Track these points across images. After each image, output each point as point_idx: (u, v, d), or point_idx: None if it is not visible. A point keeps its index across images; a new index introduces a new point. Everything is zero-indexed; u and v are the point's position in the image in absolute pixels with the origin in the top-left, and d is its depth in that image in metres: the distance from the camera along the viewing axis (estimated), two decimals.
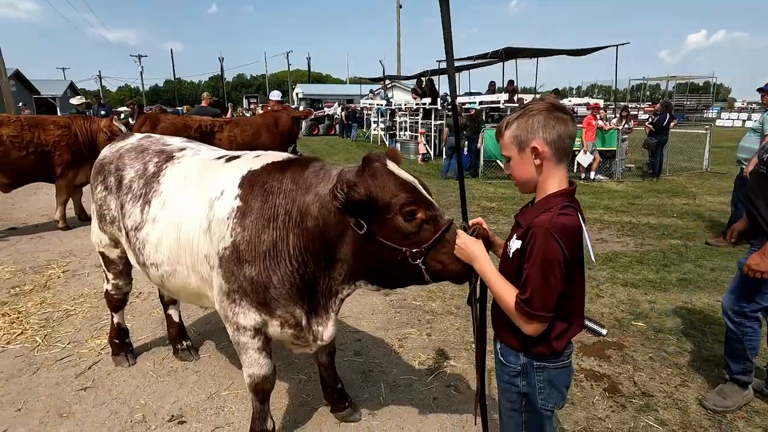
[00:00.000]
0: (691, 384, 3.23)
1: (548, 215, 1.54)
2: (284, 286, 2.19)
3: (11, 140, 6.66)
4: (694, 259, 5.79)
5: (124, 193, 2.81)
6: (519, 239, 1.61)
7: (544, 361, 1.66)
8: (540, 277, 1.50)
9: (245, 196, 2.26)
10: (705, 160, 13.54)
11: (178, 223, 2.48)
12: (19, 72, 37.11)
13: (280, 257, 2.17)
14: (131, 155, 2.93)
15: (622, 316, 4.25)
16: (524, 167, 1.64)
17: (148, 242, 2.62)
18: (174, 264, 2.55)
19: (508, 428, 1.81)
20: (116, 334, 3.53)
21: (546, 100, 1.64)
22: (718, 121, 34.71)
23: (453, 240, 1.85)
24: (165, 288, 2.82)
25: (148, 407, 3.01)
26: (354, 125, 25.92)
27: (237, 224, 2.22)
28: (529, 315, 1.53)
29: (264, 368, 2.46)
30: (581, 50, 16.62)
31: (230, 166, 2.50)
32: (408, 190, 1.92)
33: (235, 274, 2.24)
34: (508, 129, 1.64)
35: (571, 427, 2.79)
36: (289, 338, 2.39)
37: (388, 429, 2.82)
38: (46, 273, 5.38)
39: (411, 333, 3.99)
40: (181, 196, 2.53)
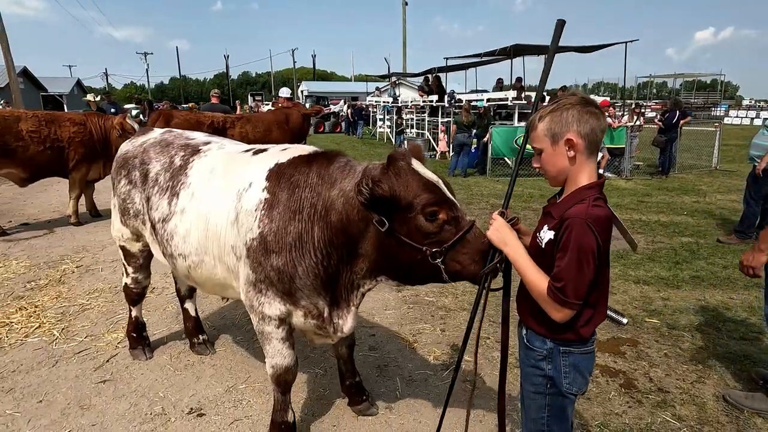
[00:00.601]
0: (708, 380, 3.23)
1: (583, 206, 1.57)
2: (309, 277, 2.24)
3: (30, 135, 6.76)
4: (706, 256, 5.77)
5: (150, 186, 2.84)
6: (552, 230, 1.63)
7: (570, 346, 1.70)
8: (575, 265, 1.52)
9: (273, 188, 2.30)
10: (714, 157, 13.46)
11: (206, 215, 2.52)
12: (26, 69, 37.33)
13: (305, 249, 2.21)
14: (156, 149, 2.96)
15: (635, 313, 4.24)
16: (557, 159, 1.66)
17: (177, 233, 2.66)
18: (201, 254, 2.59)
19: (531, 411, 1.83)
20: (134, 327, 3.58)
21: (578, 95, 1.67)
22: (726, 119, 34.51)
23: (474, 241, 1.90)
24: (191, 278, 2.85)
25: (167, 400, 3.04)
26: (360, 122, 25.94)
27: (265, 216, 2.26)
28: (561, 302, 1.55)
29: (287, 359, 2.48)
30: (590, 47, 16.56)
31: (258, 158, 2.54)
32: (431, 191, 1.93)
33: (262, 264, 2.28)
34: (542, 122, 1.66)
35: (588, 422, 2.80)
36: (312, 328, 2.43)
37: (406, 423, 2.83)
38: (60, 268, 5.43)
39: (425, 329, 4.00)
40: (209, 188, 2.58)
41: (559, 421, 1.79)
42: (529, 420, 1.85)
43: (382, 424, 2.82)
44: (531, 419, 1.84)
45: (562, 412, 1.79)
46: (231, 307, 4.45)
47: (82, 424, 2.80)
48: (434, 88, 17.69)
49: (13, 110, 7.23)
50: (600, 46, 16.30)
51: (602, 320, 1.73)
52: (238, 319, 4.20)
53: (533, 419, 1.83)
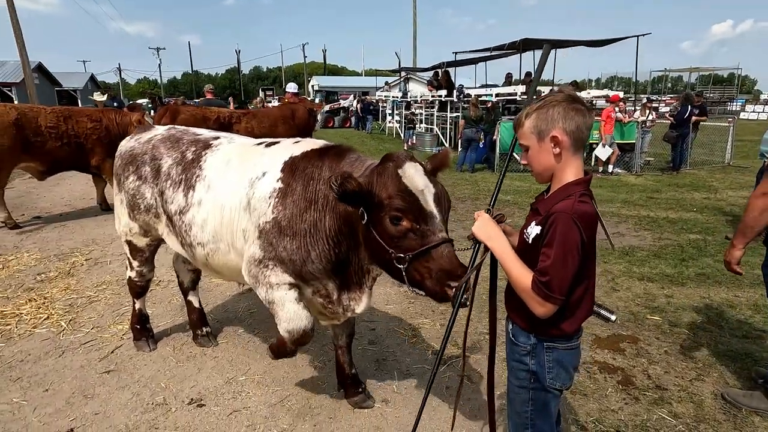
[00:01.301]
0: (707, 378, 3.21)
1: (569, 202, 1.59)
2: (321, 261, 2.39)
3: (48, 131, 6.91)
4: (713, 254, 5.70)
5: (163, 181, 2.96)
6: (538, 225, 1.65)
7: (554, 342, 1.72)
8: (559, 260, 1.54)
9: (287, 179, 2.46)
10: (727, 153, 13.24)
11: (221, 204, 2.67)
12: (41, 65, 37.81)
13: (318, 236, 2.36)
14: (167, 145, 3.06)
15: (637, 310, 4.22)
16: (543, 156, 1.68)
17: (195, 223, 2.80)
18: (217, 242, 2.74)
19: (515, 405, 1.86)
20: (138, 319, 3.65)
21: (564, 92, 1.70)
22: (742, 113, 33.86)
23: (438, 259, 1.94)
24: (209, 266, 2.97)
25: (169, 390, 3.11)
26: (369, 117, 25.92)
27: (279, 203, 2.43)
28: (545, 296, 1.56)
29: (303, 320, 2.51)
30: (601, 41, 16.34)
31: (271, 150, 2.71)
32: (402, 197, 1.97)
33: (273, 245, 2.43)
34: (528, 119, 1.68)
35: (583, 418, 2.81)
36: (319, 306, 2.58)
37: (401, 416, 2.86)
38: (69, 260, 5.54)
39: (424, 324, 4.03)
40: (224, 179, 2.72)
41: (543, 415, 1.81)
42: (514, 413, 1.88)
43: (378, 417, 2.86)
44: (515, 412, 1.87)
45: (545, 407, 1.81)
46: (233, 301, 4.51)
47: (86, 413, 2.87)
48: (443, 82, 17.62)
49: (33, 105, 7.38)
50: (612, 40, 16.07)
51: (588, 316, 1.74)
52: (240, 313, 4.26)
53: (517, 413, 1.85)
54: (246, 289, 4.70)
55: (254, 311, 4.26)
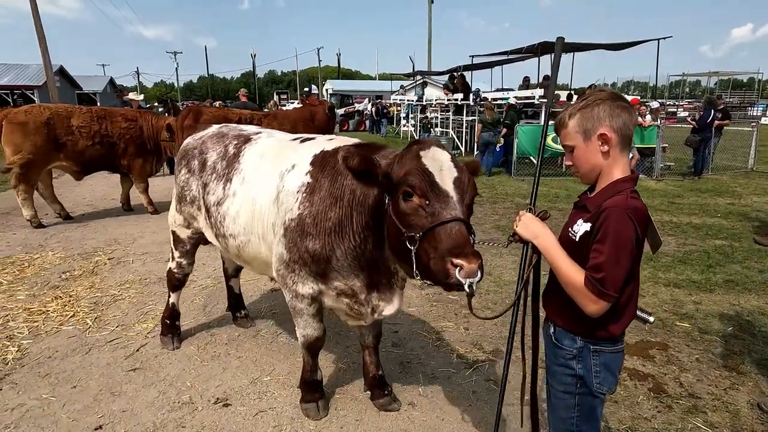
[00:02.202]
0: (741, 387, 3.12)
1: (621, 197, 1.56)
2: (347, 259, 2.37)
3: (80, 130, 7.06)
4: (741, 260, 5.57)
5: (208, 174, 3.07)
6: (587, 222, 1.60)
7: (600, 345, 1.67)
8: (614, 255, 1.50)
9: (316, 173, 2.44)
10: (750, 158, 12.98)
11: (253, 196, 2.73)
12: (62, 68, 38.57)
13: (344, 233, 2.33)
14: (213, 140, 3.22)
15: (665, 317, 4.13)
16: (590, 155, 1.65)
17: (228, 215, 2.88)
18: (248, 234, 2.79)
19: (559, 411, 1.80)
20: (169, 314, 3.72)
21: (607, 91, 1.67)
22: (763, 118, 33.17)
23: (445, 238, 1.80)
24: (241, 258, 3.05)
25: (195, 389, 3.11)
26: (384, 121, 25.94)
27: (306, 199, 2.41)
28: (599, 293, 1.51)
29: (317, 331, 2.70)
30: (621, 44, 16.16)
31: (305, 145, 2.74)
32: (417, 175, 1.91)
33: (297, 245, 2.42)
34: (572, 119, 1.65)
35: (616, 426, 2.74)
36: (344, 308, 2.56)
37: (429, 420, 2.83)
38: (93, 259, 5.60)
39: (448, 327, 3.98)
40: (257, 172, 2.78)
41: (589, 421, 1.76)
42: (558, 420, 1.81)
43: (405, 421, 2.82)
44: (560, 419, 1.80)
45: (592, 412, 1.75)
46: (257, 302, 4.52)
47: (113, 410, 2.89)
48: (459, 86, 17.56)
49: (67, 106, 7.56)
50: (631, 44, 15.89)
51: (632, 318, 1.70)
52: (263, 313, 4.26)
53: (562, 419, 1.79)
54: (269, 290, 4.71)
55: (276, 311, 4.25)
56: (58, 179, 10.46)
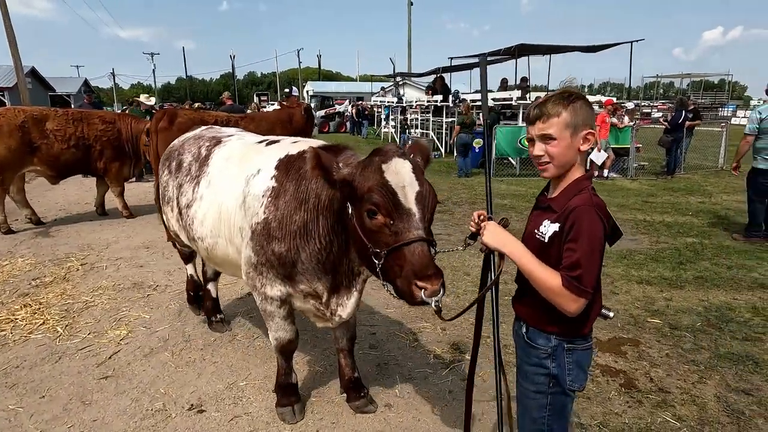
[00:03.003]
0: (709, 381, 3.21)
1: (586, 196, 1.60)
2: (311, 262, 2.39)
3: (55, 134, 6.92)
4: (711, 257, 5.73)
5: (183, 175, 3.14)
6: (556, 222, 1.63)
7: (574, 343, 1.71)
8: (588, 253, 1.53)
9: (281, 177, 2.47)
10: (721, 158, 13.36)
11: (220, 200, 2.76)
12: (34, 69, 37.59)
13: (309, 236, 2.35)
14: (190, 142, 3.29)
15: (637, 313, 4.22)
16: (571, 151, 1.66)
17: (196, 218, 2.93)
18: (215, 237, 2.82)
19: (531, 411, 1.81)
20: (192, 286, 4.07)
21: (575, 90, 1.71)
22: (733, 119, 34.18)
23: (410, 257, 1.83)
24: (211, 260, 3.11)
25: (168, 396, 3.06)
26: (365, 123, 25.95)
27: (271, 203, 2.43)
28: (579, 291, 1.53)
29: (288, 333, 2.73)
30: (595, 47, 16.48)
31: (270, 148, 2.76)
32: (382, 193, 1.90)
33: (264, 248, 2.44)
34: (566, 111, 1.61)
35: (587, 422, 2.79)
36: (312, 309, 2.60)
37: (405, 421, 2.84)
38: (65, 265, 5.47)
39: (425, 327, 4.00)
40: (223, 175, 2.82)
41: (559, 419, 1.78)
42: (529, 420, 1.82)
43: (381, 422, 2.83)
44: (531, 419, 1.81)
45: (563, 410, 1.78)
46: (233, 306, 4.48)
47: (84, 420, 2.82)
48: (438, 87, 17.67)
49: (42, 109, 7.39)
50: (605, 46, 16.22)
51: (598, 313, 1.73)
52: (240, 318, 4.22)
53: (533, 419, 1.80)
54: (246, 293, 4.67)
55: (254, 315, 4.22)
56: (30, 183, 10.20)
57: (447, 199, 9.49)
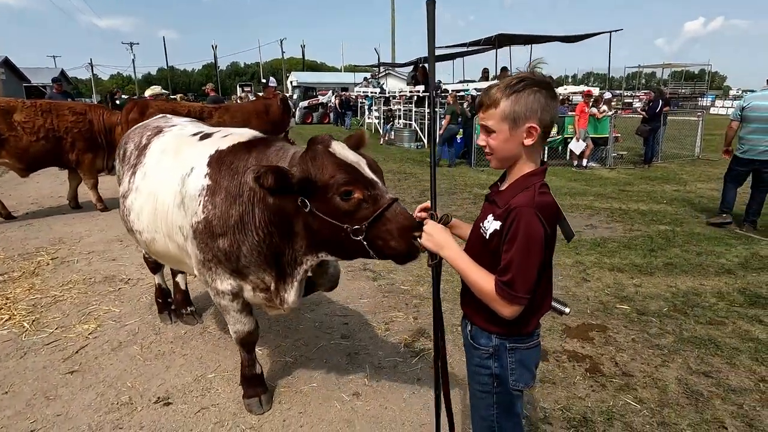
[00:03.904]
0: (671, 364, 3.28)
1: (529, 194, 1.52)
2: (253, 255, 2.40)
3: (23, 126, 6.77)
4: (681, 244, 5.84)
5: (125, 164, 3.10)
6: (498, 220, 1.56)
7: (516, 342, 1.66)
8: (523, 257, 1.47)
9: (214, 174, 2.44)
10: (697, 147, 13.59)
11: (155, 194, 2.71)
12: (8, 59, 36.58)
13: (247, 229, 2.35)
14: (137, 131, 3.25)
15: (607, 300, 4.30)
16: (512, 144, 1.56)
17: (133, 210, 2.87)
18: (153, 232, 2.78)
19: (479, 410, 1.80)
20: (159, 293, 3.94)
21: (537, 76, 1.54)
22: (712, 108, 34.74)
23: (394, 218, 1.93)
24: (152, 253, 3.06)
25: (135, 389, 3.04)
26: (348, 113, 25.80)
27: (208, 201, 2.41)
28: (511, 297, 1.49)
29: (246, 325, 2.73)
30: (574, 37, 16.56)
31: (201, 144, 2.69)
32: (346, 171, 1.98)
33: (209, 245, 2.44)
34: (505, 101, 1.52)
35: (551, 406, 2.84)
36: (262, 301, 2.60)
37: (372, 408, 2.86)
38: (35, 260, 5.37)
39: (398, 316, 4.02)
40: (158, 168, 2.76)
41: (508, 416, 1.75)
42: (478, 418, 1.82)
43: (349, 411, 2.84)
44: (480, 417, 1.80)
45: (511, 408, 1.75)
46: (203, 298, 4.43)
47: (47, 415, 2.79)
48: (421, 78, 17.62)
49: (9, 100, 7.21)
50: (584, 36, 16.31)
51: (547, 310, 1.71)
52: (210, 309, 4.19)
53: (482, 417, 1.79)
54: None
55: None
56: (1, 177, 9.98)
57: (427, 189, 9.49)
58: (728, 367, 3.24)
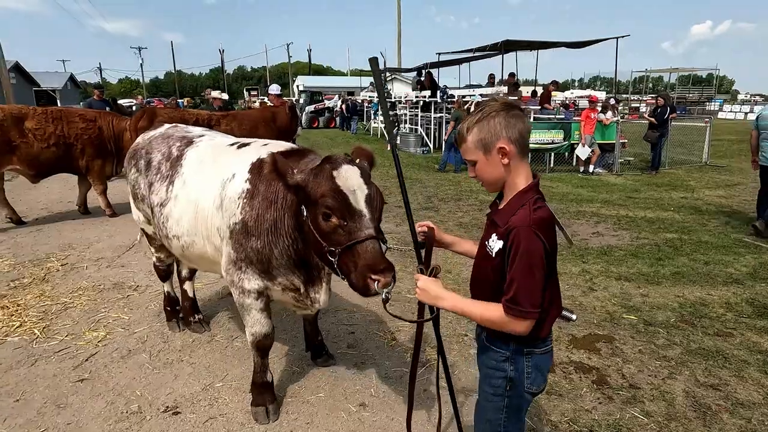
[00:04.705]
0: (679, 376, 3.27)
1: (525, 212, 1.59)
2: (283, 257, 2.56)
3: (34, 133, 6.87)
4: (689, 252, 5.82)
5: (153, 174, 3.21)
6: (500, 239, 1.63)
7: (532, 347, 1.72)
8: (526, 275, 1.54)
9: (254, 180, 2.62)
10: (704, 153, 13.52)
11: (195, 200, 2.88)
12: (18, 64, 36.99)
13: (279, 233, 2.52)
14: (158, 141, 3.35)
15: (613, 310, 4.29)
16: (492, 168, 1.68)
17: (171, 216, 3.02)
18: (192, 235, 2.94)
19: (487, 412, 1.83)
20: (168, 301, 4.00)
21: (500, 100, 1.68)
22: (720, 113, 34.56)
23: (363, 254, 2.03)
24: (186, 257, 3.21)
25: (144, 398, 3.07)
26: (355, 118, 25.88)
27: (246, 204, 2.58)
28: (520, 313, 1.56)
29: (265, 327, 2.81)
30: (581, 42, 16.54)
31: (241, 152, 2.88)
32: (335, 197, 2.10)
33: (243, 245, 2.60)
34: (470, 134, 1.67)
35: (558, 418, 2.84)
36: (291, 300, 2.77)
37: (379, 420, 2.87)
38: (45, 266, 5.43)
39: (404, 326, 4.03)
40: (198, 176, 2.94)
41: (516, 421, 1.80)
42: (484, 421, 1.84)
43: (356, 422, 2.86)
44: (486, 420, 1.83)
45: (518, 412, 1.79)
46: (211, 306, 4.48)
47: (58, 423, 2.82)
48: (427, 83, 17.66)
49: (21, 107, 7.33)
50: (591, 42, 16.28)
51: (558, 315, 1.76)
52: (219, 318, 4.22)
53: (488, 420, 1.82)
54: (226, 294, 4.67)
55: (233, 316, 4.22)
56: (11, 181, 10.10)
57: (433, 195, 9.53)
58: (736, 379, 3.22)
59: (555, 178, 11.38)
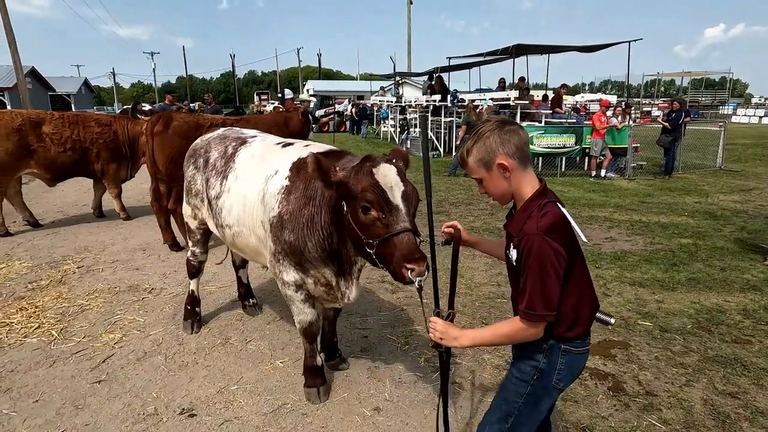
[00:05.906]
0: (696, 384, 3.23)
1: (533, 221, 1.65)
2: (317, 251, 2.71)
3: (51, 137, 6.99)
4: (704, 258, 5.75)
5: (209, 170, 3.46)
6: (516, 248, 1.70)
7: (569, 344, 1.75)
8: (538, 282, 1.59)
9: (293, 177, 2.81)
10: (719, 157, 13.35)
11: (244, 194, 3.11)
12: (34, 69, 37.64)
13: (314, 228, 2.68)
14: (216, 141, 3.61)
15: (628, 316, 4.25)
16: (497, 183, 1.77)
17: (224, 208, 3.27)
18: (240, 226, 3.17)
19: (507, 392, 1.87)
20: (190, 300, 4.10)
21: (492, 120, 1.78)
22: (734, 117, 34.15)
23: (399, 245, 2.17)
24: (235, 246, 3.43)
25: (160, 400, 3.10)
26: (365, 122, 25.94)
27: (284, 199, 2.78)
28: (533, 317, 1.62)
29: (309, 316, 3.00)
30: (592, 47, 16.46)
31: (285, 150, 3.12)
32: (374, 192, 2.24)
33: (279, 238, 2.79)
34: (470, 156, 1.78)
35: (574, 425, 2.82)
36: (322, 294, 2.94)
37: (393, 425, 2.87)
38: (62, 268, 5.51)
39: (417, 330, 4.03)
40: (248, 171, 3.17)
41: (530, 411, 1.83)
42: (502, 399, 1.89)
43: (370, 426, 2.86)
44: (503, 399, 1.88)
45: (538, 404, 1.82)
46: (226, 308, 4.51)
47: (76, 424, 2.86)
48: (437, 87, 17.68)
49: (39, 112, 7.47)
50: (603, 46, 16.19)
51: (593, 311, 1.79)
52: (233, 321, 4.25)
53: (505, 399, 1.87)
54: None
55: (247, 320, 4.25)
56: (28, 185, 10.25)
57: (444, 199, 9.52)
58: (756, 387, 3.18)
59: (567, 183, 11.32)
